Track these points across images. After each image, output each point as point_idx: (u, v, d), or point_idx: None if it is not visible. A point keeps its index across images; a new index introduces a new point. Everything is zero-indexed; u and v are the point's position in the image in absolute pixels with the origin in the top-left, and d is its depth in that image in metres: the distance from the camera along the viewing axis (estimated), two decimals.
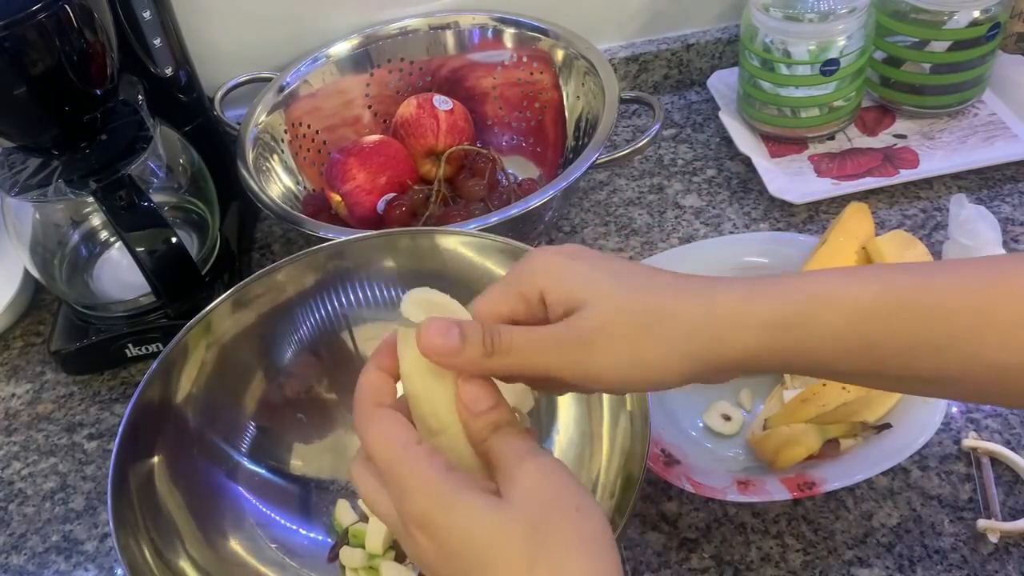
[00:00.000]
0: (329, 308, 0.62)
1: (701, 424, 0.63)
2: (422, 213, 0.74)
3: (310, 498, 0.59)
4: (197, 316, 0.57)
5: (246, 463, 0.58)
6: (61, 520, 0.64)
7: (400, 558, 0.53)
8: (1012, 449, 0.58)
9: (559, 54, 0.79)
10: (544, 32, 0.80)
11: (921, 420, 0.56)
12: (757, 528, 0.57)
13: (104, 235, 0.75)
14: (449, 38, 0.83)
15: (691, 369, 0.37)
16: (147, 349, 0.72)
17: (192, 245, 0.74)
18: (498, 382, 0.39)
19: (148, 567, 0.49)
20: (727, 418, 0.62)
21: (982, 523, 0.55)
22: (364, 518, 0.56)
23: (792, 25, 0.76)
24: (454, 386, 0.37)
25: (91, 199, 0.64)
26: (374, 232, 0.61)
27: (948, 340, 0.37)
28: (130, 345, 0.71)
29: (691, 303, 0.38)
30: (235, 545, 0.55)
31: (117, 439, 0.51)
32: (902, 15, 0.79)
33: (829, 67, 0.77)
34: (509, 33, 0.82)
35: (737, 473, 0.58)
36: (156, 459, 0.54)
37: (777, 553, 0.56)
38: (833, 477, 0.55)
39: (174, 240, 0.64)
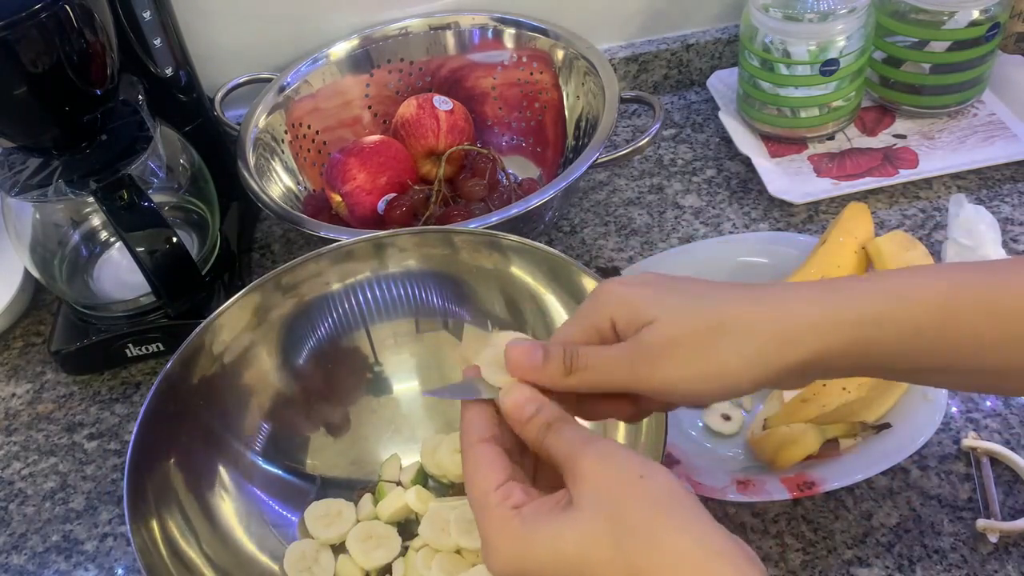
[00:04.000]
0: (345, 307, 0.62)
1: (701, 424, 0.63)
2: (422, 213, 0.74)
3: (326, 497, 0.58)
4: (211, 315, 0.57)
5: (261, 462, 0.58)
6: (61, 520, 0.64)
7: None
8: (1012, 449, 0.58)
9: (559, 54, 0.80)
10: (544, 32, 0.80)
11: (920, 420, 0.56)
12: (757, 528, 0.57)
13: (104, 235, 0.75)
14: (449, 38, 0.83)
15: (763, 375, 0.39)
16: (147, 349, 0.72)
17: (192, 245, 0.75)
18: None
19: (165, 566, 0.49)
20: (727, 418, 0.62)
21: (981, 523, 0.55)
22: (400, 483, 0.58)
23: (792, 25, 0.76)
24: None
25: (91, 199, 0.64)
26: (387, 232, 0.61)
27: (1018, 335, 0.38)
28: (130, 345, 0.71)
29: (762, 310, 0.39)
30: (250, 544, 0.55)
31: (132, 439, 0.51)
32: (902, 15, 0.79)
33: (829, 67, 0.77)
34: (509, 33, 0.82)
35: (736, 473, 0.58)
36: (171, 459, 0.54)
37: (776, 553, 0.56)
38: (832, 477, 0.55)
39: (174, 240, 0.64)
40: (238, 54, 0.83)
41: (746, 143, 0.82)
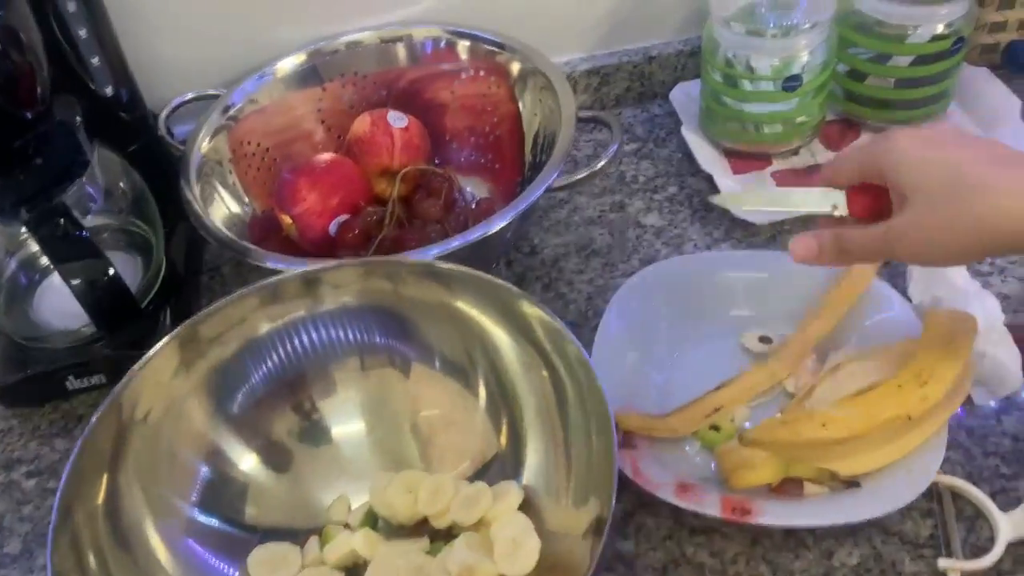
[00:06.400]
0: (280, 349, 0.59)
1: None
2: (376, 235, 0.72)
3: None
4: (142, 359, 0.54)
5: (197, 515, 0.55)
6: None
7: None
8: (974, 483, 0.57)
9: (515, 68, 0.77)
10: (499, 46, 0.78)
11: (893, 491, 0.54)
12: (715, 568, 0.56)
13: (44, 262, 0.72)
14: (401, 51, 0.81)
15: (1010, 239, 0.44)
16: (89, 381, 0.69)
17: (136, 269, 0.72)
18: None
19: None
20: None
21: (943, 563, 0.54)
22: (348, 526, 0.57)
23: (754, 40, 0.74)
24: None
25: (23, 228, 0.62)
26: (320, 267, 0.59)
27: None
28: (71, 377, 0.68)
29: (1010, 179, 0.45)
30: None
31: (57, 497, 0.49)
32: (865, 28, 0.77)
33: (792, 82, 0.75)
34: (463, 46, 0.79)
35: (686, 477, 0.57)
36: (100, 510, 0.51)
37: None
38: (773, 513, 0.54)
39: (111, 272, 0.62)
40: (184, 71, 0.80)
41: (708, 159, 0.80)
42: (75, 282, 0.61)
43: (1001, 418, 0.61)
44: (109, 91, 0.72)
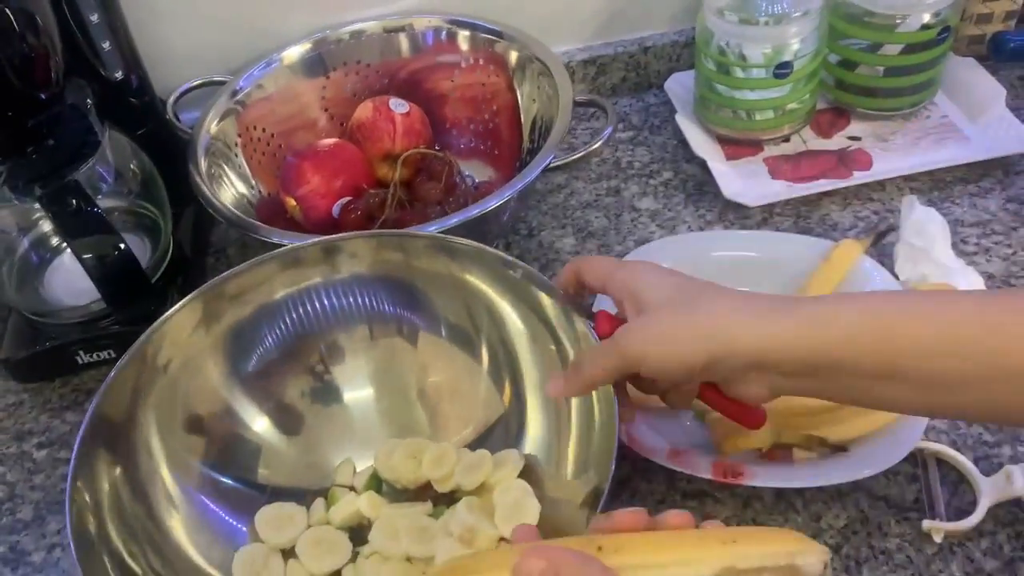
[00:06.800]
0: (294, 314, 0.61)
1: None
2: (378, 217, 0.74)
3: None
4: (156, 322, 0.56)
5: (210, 472, 0.58)
6: (8, 531, 0.63)
7: None
8: (958, 450, 0.59)
9: (513, 56, 0.79)
10: (498, 34, 0.80)
11: (879, 454, 0.56)
12: None
13: (55, 241, 0.74)
14: (403, 41, 0.83)
15: (709, 362, 0.46)
16: (99, 356, 0.71)
17: (144, 250, 0.74)
18: None
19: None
20: None
21: (927, 523, 0.55)
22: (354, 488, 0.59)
23: (746, 28, 0.77)
24: None
25: (38, 205, 0.64)
26: (337, 236, 0.61)
27: (960, 344, 0.42)
28: (81, 352, 0.70)
29: (729, 299, 0.47)
30: (198, 556, 0.55)
31: (74, 453, 0.51)
32: (856, 19, 0.79)
33: (783, 70, 0.77)
34: (463, 35, 0.82)
35: (679, 444, 0.58)
36: (117, 470, 0.53)
37: None
38: (763, 475, 0.56)
39: (122, 247, 0.64)
40: (192, 57, 0.82)
41: (702, 146, 0.82)
42: (86, 257, 0.63)
43: None
44: (119, 76, 0.74)
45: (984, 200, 0.77)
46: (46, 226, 0.73)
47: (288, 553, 0.56)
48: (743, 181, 0.79)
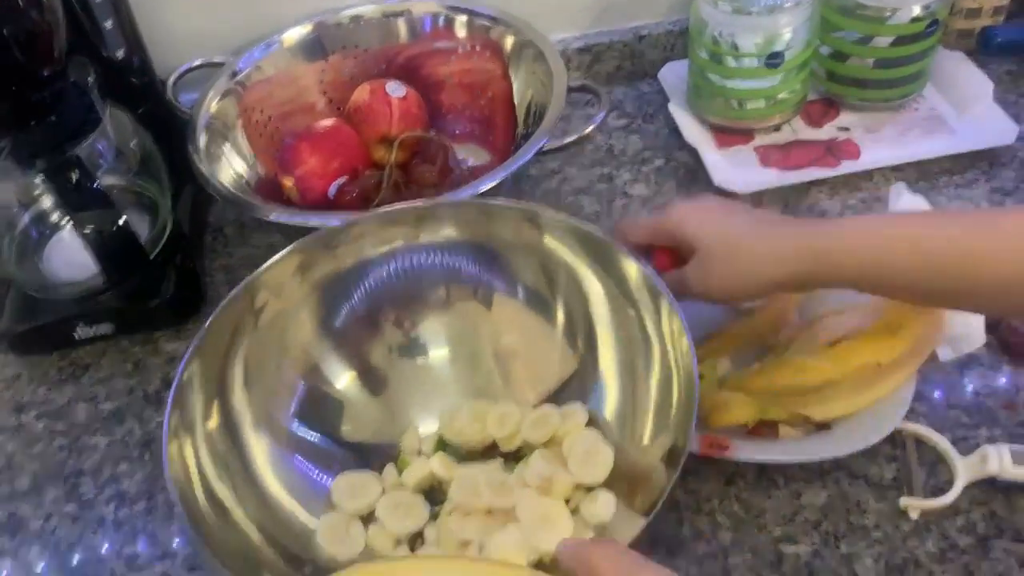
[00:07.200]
0: (383, 272, 0.63)
1: None
2: (373, 198, 0.75)
3: (352, 462, 0.59)
4: (270, 260, 0.58)
5: (295, 427, 0.59)
6: (7, 499, 0.64)
7: None
8: (937, 431, 0.60)
9: (509, 42, 0.81)
10: (495, 20, 0.81)
11: (858, 433, 0.58)
12: (689, 505, 0.59)
13: (55, 217, 0.75)
14: (402, 26, 0.84)
15: (767, 284, 0.56)
16: (96, 331, 0.72)
17: (143, 226, 0.75)
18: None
19: (204, 515, 0.50)
20: None
21: (904, 500, 0.57)
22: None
23: (739, 18, 0.78)
24: None
25: (39, 179, 0.65)
26: (432, 201, 0.63)
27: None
28: (80, 326, 0.72)
29: (761, 239, 0.56)
30: (291, 505, 0.56)
31: (169, 402, 0.52)
32: (847, 11, 0.81)
33: (774, 60, 0.78)
34: (461, 21, 0.83)
35: None
36: (212, 412, 0.55)
37: (708, 530, 0.58)
38: (748, 450, 0.57)
39: (120, 222, 0.65)
40: (192, 38, 0.83)
41: (694, 134, 0.83)
42: (86, 231, 0.64)
43: (964, 372, 0.64)
44: (121, 55, 0.75)
45: (969, 191, 0.78)
46: (46, 202, 0.74)
47: (367, 519, 0.57)
48: (733, 169, 0.81)
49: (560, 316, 0.62)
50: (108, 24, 0.73)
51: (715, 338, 0.66)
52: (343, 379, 0.62)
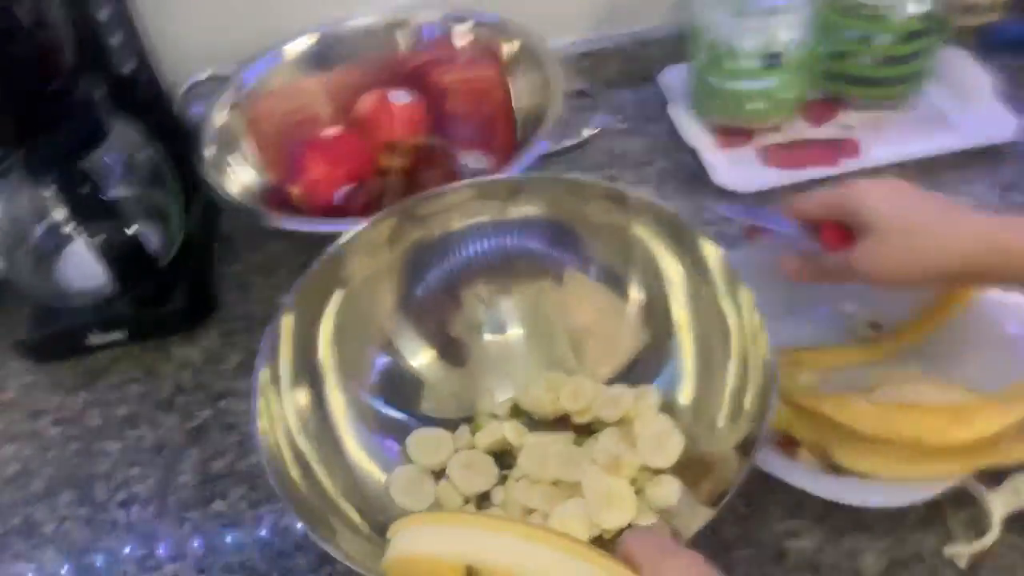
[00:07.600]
0: (465, 246, 0.64)
1: None
2: (379, 205, 0.76)
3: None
4: (330, 248, 0.60)
5: (375, 403, 0.61)
6: (23, 503, 0.65)
7: None
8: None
9: (509, 48, 0.82)
10: (497, 28, 0.82)
11: (879, 492, 0.55)
12: None
13: (67, 228, 0.77)
14: (405, 36, 0.85)
15: (940, 272, 0.54)
16: (109, 337, 0.73)
17: (154, 236, 0.76)
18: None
19: (280, 453, 0.52)
20: None
21: (948, 550, 0.55)
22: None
23: (738, 20, 0.78)
24: None
25: (50, 192, 0.66)
26: (523, 176, 0.65)
27: None
28: (94, 333, 0.73)
29: (945, 226, 0.54)
30: (379, 475, 0.58)
31: (255, 376, 0.54)
32: (849, 9, 0.81)
33: (773, 60, 0.79)
34: (463, 30, 0.84)
35: None
36: (301, 383, 0.57)
37: (711, 526, 0.58)
38: (766, 460, 0.56)
39: (131, 231, 0.66)
40: (200, 50, 0.85)
41: (695, 136, 0.84)
42: (97, 240, 0.66)
43: None
44: (129, 68, 0.76)
45: (972, 187, 0.78)
46: (59, 214, 0.76)
47: (438, 475, 0.59)
48: (735, 169, 0.81)
49: (635, 295, 0.63)
50: (116, 40, 0.74)
51: (807, 352, 0.64)
52: (421, 353, 0.63)
